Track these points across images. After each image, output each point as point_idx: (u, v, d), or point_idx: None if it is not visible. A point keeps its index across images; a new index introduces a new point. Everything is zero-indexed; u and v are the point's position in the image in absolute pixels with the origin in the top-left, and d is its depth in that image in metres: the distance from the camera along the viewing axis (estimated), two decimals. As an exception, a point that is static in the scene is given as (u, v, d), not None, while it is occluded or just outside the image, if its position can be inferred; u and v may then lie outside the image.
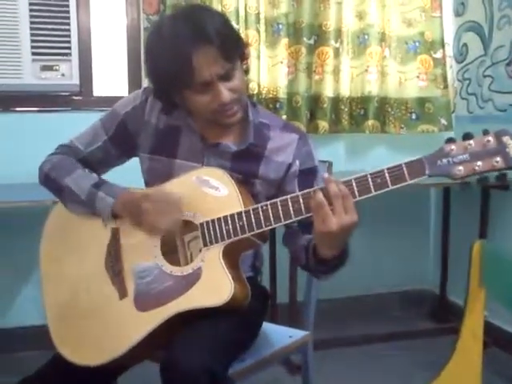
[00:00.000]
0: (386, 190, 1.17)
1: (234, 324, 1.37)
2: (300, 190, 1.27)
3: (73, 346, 1.38)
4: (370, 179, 1.18)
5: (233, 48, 1.34)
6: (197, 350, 1.25)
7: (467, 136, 1.14)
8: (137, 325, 1.32)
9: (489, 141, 1.12)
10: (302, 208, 1.24)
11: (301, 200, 1.24)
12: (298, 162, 1.47)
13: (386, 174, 1.17)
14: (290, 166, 1.47)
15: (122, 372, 1.49)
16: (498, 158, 1.11)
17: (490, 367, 1.58)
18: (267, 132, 1.49)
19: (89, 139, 1.53)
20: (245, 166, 1.46)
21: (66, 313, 1.43)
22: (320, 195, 1.18)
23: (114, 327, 1.36)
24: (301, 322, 1.81)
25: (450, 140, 1.15)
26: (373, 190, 1.18)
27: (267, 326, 1.69)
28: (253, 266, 1.62)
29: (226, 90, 1.34)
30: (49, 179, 1.49)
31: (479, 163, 1.12)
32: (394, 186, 1.17)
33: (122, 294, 1.37)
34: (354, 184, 1.19)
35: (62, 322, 1.43)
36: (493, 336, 2.35)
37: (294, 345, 1.70)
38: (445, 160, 1.14)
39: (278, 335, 1.70)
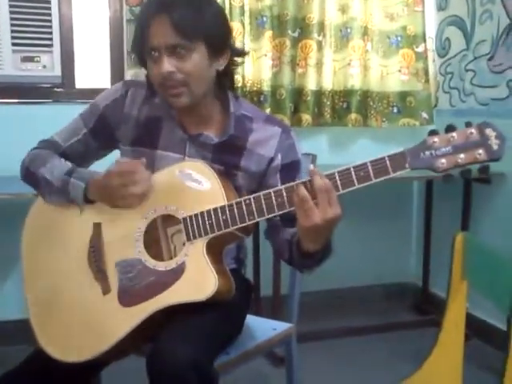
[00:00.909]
0: (370, 183, 1.17)
1: (219, 317, 1.37)
2: (282, 184, 1.27)
3: (56, 343, 1.37)
4: (353, 172, 1.18)
5: (193, 27, 1.31)
6: (182, 343, 1.25)
7: (450, 128, 1.13)
8: (121, 320, 1.31)
9: (472, 133, 1.12)
10: (286, 202, 1.23)
11: (284, 194, 1.23)
12: (280, 156, 1.46)
13: (369, 167, 1.16)
14: (271, 159, 1.46)
15: (105, 365, 1.48)
16: (481, 151, 1.11)
17: (471, 359, 1.59)
18: (249, 124, 1.47)
19: (68, 133, 1.52)
20: (226, 158, 1.45)
21: (48, 309, 1.42)
22: (303, 190, 1.18)
23: (97, 323, 1.35)
24: (284, 315, 1.81)
25: (433, 132, 1.15)
26: (356, 183, 1.18)
27: (251, 319, 1.69)
28: (236, 259, 1.62)
29: (169, 64, 1.32)
30: (28, 173, 1.48)
31: (462, 156, 1.12)
32: (377, 179, 1.16)
33: (106, 289, 1.36)
34: (337, 177, 1.19)
35: (45, 319, 1.41)
36: (474, 328, 2.37)
37: (278, 337, 1.70)
38: (427, 152, 1.14)
39: (262, 328, 1.71)
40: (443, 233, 2.95)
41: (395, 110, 3.04)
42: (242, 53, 1.52)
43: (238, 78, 2.74)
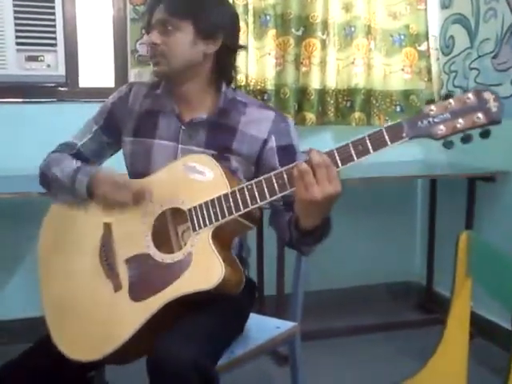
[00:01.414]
0: (368, 155, 1.17)
1: (221, 317, 1.38)
2: (281, 166, 1.28)
3: (72, 343, 1.38)
4: (351, 147, 1.18)
5: (182, 8, 1.43)
6: (184, 343, 1.25)
7: (447, 96, 1.13)
8: (133, 315, 1.32)
9: (469, 98, 1.11)
10: (286, 183, 1.23)
11: (284, 175, 1.24)
12: (273, 138, 1.48)
13: (367, 140, 1.17)
14: (265, 141, 1.48)
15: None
16: (480, 114, 1.10)
17: (476, 357, 1.59)
18: (243, 108, 1.51)
19: (81, 133, 1.61)
20: (219, 140, 1.48)
21: (63, 309, 1.43)
22: (304, 164, 1.18)
23: (110, 320, 1.36)
24: (288, 314, 1.81)
25: (430, 101, 1.15)
26: (355, 158, 1.18)
27: (255, 318, 1.70)
28: (239, 258, 1.61)
29: (155, 36, 1.44)
30: (42, 175, 1.54)
31: (460, 121, 1.11)
32: (376, 151, 1.16)
33: (117, 286, 1.37)
34: (335, 154, 1.19)
35: (60, 319, 1.43)
36: (478, 327, 2.37)
37: (282, 336, 1.71)
38: (425, 121, 1.14)
39: (266, 326, 1.71)
40: (447, 231, 2.95)
41: (398, 109, 3.04)
42: (236, 44, 1.55)
43: (241, 76, 2.74)
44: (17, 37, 2.52)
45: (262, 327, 1.69)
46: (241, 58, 2.71)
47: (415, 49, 3.01)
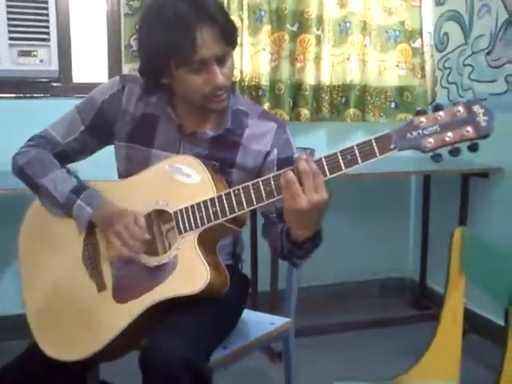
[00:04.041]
0: (356, 166, 1.16)
1: (214, 312, 1.38)
2: None
3: (53, 342, 1.37)
4: (340, 156, 1.17)
5: (233, 32, 1.35)
6: (176, 340, 1.25)
7: (437, 108, 1.13)
8: (116, 317, 1.32)
9: (459, 111, 1.11)
10: (274, 190, 1.22)
11: (272, 182, 1.23)
12: (275, 151, 1.46)
13: (356, 151, 1.16)
14: (267, 154, 1.46)
15: (102, 362, 1.48)
16: (469, 128, 1.10)
17: (469, 353, 1.59)
18: (245, 119, 1.48)
19: (65, 129, 1.50)
20: (222, 154, 1.45)
21: (45, 308, 1.42)
22: (290, 173, 1.17)
23: (93, 321, 1.35)
24: (282, 310, 1.81)
25: (420, 112, 1.14)
26: (343, 167, 1.17)
27: (248, 314, 1.70)
28: (232, 254, 1.62)
29: (221, 78, 1.33)
30: (24, 174, 1.47)
31: (449, 134, 1.11)
32: (365, 162, 1.16)
33: (101, 287, 1.37)
34: (324, 162, 1.18)
35: (42, 318, 1.42)
36: (471, 323, 2.38)
37: (276, 332, 1.71)
38: (414, 133, 1.13)
39: (260, 322, 1.71)
40: (441, 227, 2.96)
41: (392, 105, 3.04)
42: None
43: (235, 72, 2.73)
44: (9, 31, 2.50)
45: (256, 323, 1.69)
46: (235, 54, 2.69)
47: (409, 45, 3.01)
